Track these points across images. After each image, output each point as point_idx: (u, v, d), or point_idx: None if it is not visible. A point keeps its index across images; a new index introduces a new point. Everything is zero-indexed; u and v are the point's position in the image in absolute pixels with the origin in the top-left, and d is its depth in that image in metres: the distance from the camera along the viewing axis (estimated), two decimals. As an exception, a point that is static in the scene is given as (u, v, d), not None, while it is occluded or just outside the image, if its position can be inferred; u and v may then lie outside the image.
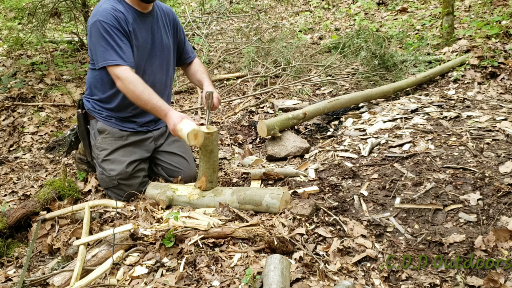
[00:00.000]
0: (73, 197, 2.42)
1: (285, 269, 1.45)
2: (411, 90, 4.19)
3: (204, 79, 2.50)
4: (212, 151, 2.09)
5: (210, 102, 2.15)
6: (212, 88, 2.38)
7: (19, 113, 3.89)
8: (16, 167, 3.18)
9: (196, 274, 1.59)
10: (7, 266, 2.00)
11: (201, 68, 2.58)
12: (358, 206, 2.09)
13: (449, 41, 5.07)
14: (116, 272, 1.70)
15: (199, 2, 6.98)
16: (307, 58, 5.15)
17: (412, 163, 2.34)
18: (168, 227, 1.85)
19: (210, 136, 2.03)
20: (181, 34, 2.57)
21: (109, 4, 2.17)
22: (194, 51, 2.70)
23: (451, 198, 2.00)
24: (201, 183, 2.14)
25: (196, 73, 2.56)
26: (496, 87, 3.82)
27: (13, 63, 4.77)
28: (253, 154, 3.14)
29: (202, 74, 2.53)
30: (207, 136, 2.02)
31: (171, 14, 2.50)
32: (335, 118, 3.60)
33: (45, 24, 5.04)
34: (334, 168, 2.49)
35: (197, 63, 2.62)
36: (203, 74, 2.53)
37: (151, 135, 2.48)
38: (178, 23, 2.55)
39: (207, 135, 2.02)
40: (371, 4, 7.62)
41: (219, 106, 2.38)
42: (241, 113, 3.93)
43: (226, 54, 5.38)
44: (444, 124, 2.80)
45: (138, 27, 2.26)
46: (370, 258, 1.73)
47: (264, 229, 1.76)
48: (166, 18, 2.45)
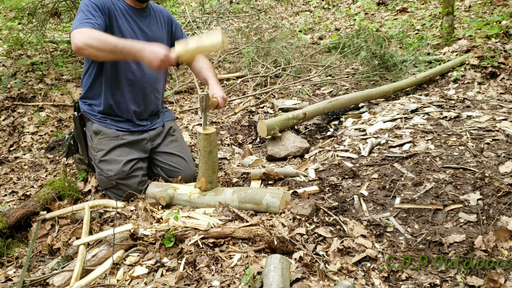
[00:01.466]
0: (73, 197, 2.42)
1: (285, 269, 1.45)
2: (411, 90, 4.19)
3: (209, 77, 2.43)
4: (211, 151, 2.08)
5: (204, 105, 2.08)
6: (218, 88, 2.32)
7: (19, 113, 3.89)
8: (16, 167, 3.18)
9: (196, 274, 1.59)
10: (7, 266, 2.00)
11: (206, 65, 2.52)
12: (358, 206, 2.09)
13: (449, 41, 5.07)
14: (116, 272, 1.70)
15: (199, 2, 6.98)
16: (307, 58, 5.15)
17: (412, 163, 2.34)
18: (168, 227, 1.85)
19: (208, 137, 2.03)
20: (178, 31, 2.58)
21: None
22: None
23: (451, 198, 2.00)
24: (201, 184, 2.14)
25: (201, 70, 2.51)
26: (496, 87, 3.82)
27: (13, 63, 4.77)
28: (253, 154, 3.14)
29: (207, 71, 2.47)
30: (205, 137, 2.02)
31: (165, 12, 2.54)
32: (335, 118, 3.60)
33: (45, 24, 5.04)
34: (334, 168, 2.49)
35: (201, 59, 2.56)
36: (208, 71, 2.47)
37: (147, 135, 2.48)
38: (173, 20, 2.57)
39: (205, 136, 2.02)
40: (371, 4, 7.62)
41: (224, 106, 2.34)
42: (241, 113, 3.93)
43: (226, 54, 5.38)
44: (444, 124, 2.80)
45: (127, 20, 2.28)
46: (370, 258, 1.73)
47: (264, 229, 1.76)
48: (160, 15, 2.49)
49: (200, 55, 2.54)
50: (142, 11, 2.37)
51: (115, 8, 2.25)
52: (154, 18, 2.44)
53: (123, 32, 2.26)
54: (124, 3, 2.30)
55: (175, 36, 2.57)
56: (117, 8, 2.26)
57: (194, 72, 2.64)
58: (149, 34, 2.37)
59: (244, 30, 6.17)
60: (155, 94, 2.50)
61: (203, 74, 2.50)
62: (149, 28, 2.38)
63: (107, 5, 2.19)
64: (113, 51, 1.90)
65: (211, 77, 2.43)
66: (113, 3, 2.24)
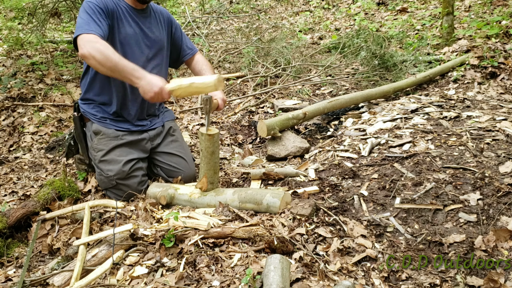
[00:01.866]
0: (73, 197, 2.42)
1: (285, 269, 1.45)
2: (411, 90, 4.19)
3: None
4: (213, 152, 2.09)
5: (208, 107, 2.11)
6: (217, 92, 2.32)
7: (19, 113, 3.89)
8: (16, 167, 3.18)
9: (196, 274, 1.59)
10: (7, 266, 2.00)
11: (205, 67, 2.56)
12: (358, 206, 2.09)
13: (449, 41, 5.07)
14: (116, 272, 1.70)
15: (199, 2, 6.98)
16: (307, 58, 5.15)
17: (412, 163, 2.34)
18: (168, 227, 1.85)
19: (211, 138, 2.04)
20: (178, 32, 2.58)
21: None
22: (196, 47, 2.68)
23: (451, 198, 2.00)
24: (202, 184, 2.14)
25: (201, 71, 2.54)
26: (496, 87, 3.82)
27: (13, 63, 4.77)
28: (253, 154, 3.14)
29: (207, 73, 2.51)
30: (208, 137, 2.03)
31: (165, 13, 2.53)
32: (335, 118, 3.60)
33: (45, 24, 5.04)
34: (334, 168, 2.49)
35: (200, 60, 2.60)
36: (208, 73, 2.51)
37: (146, 135, 2.48)
38: (173, 21, 2.56)
39: (208, 137, 2.03)
40: (371, 4, 7.62)
41: (224, 107, 2.35)
42: (241, 113, 3.93)
43: (226, 54, 5.38)
44: (444, 124, 2.80)
45: (128, 21, 2.28)
46: (370, 258, 1.73)
47: (264, 229, 1.76)
48: (160, 16, 2.48)
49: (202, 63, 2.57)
50: (143, 12, 2.37)
51: (117, 9, 2.24)
52: (154, 19, 2.43)
53: (126, 33, 2.26)
54: (125, 4, 2.30)
55: (175, 37, 2.57)
56: (120, 9, 2.26)
57: (194, 73, 2.65)
58: (150, 35, 2.37)
59: (244, 30, 6.17)
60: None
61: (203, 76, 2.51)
62: (150, 29, 2.38)
63: (111, 7, 2.20)
64: (113, 69, 1.96)
65: None
66: (115, 4, 2.24)
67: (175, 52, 2.61)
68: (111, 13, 2.19)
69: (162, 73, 2.52)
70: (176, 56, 2.62)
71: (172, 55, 2.60)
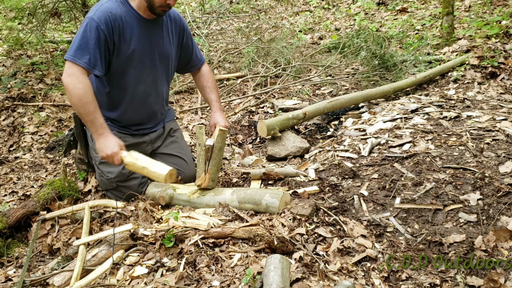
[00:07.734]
0: (73, 197, 2.42)
1: (285, 269, 1.45)
2: (411, 90, 4.19)
3: (213, 101, 2.46)
4: (221, 148, 2.19)
5: (209, 155, 2.16)
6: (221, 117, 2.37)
7: (19, 113, 3.89)
8: (16, 167, 3.18)
9: (196, 274, 1.59)
10: (7, 266, 2.00)
11: (210, 84, 2.52)
12: (358, 206, 2.09)
13: (449, 41, 5.07)
14: (116, 272, 1.70)
15: (199, 2, 6.98)
16: (307, 58, 5.15)
17: (412, 163, 2.34)
18: (168, 227, 1.85)
19: (222, 133, 2.18)
20: (189, 41, 2.48)
21: (111, 4, 2.10)
22: (203, 57, 2.61)
23: (451, 198, 2.00)
24: (202, 180, 2.14)
25: (205, 89, 2.52)
26: (496, 87, 3.82)
27: (13, 63, 4.77)
28: (253, 154, 3.14)
29: (210, 93, 2.49)
30: (221, 133, 2.17)
31: (178, 20, 2.40)
32: (335, 118, 3.60)
33: (45, 24, 5.04)
34: (334, 168, 2.49)
35: (205, 75, 2.55)
36: (212, 93, 2.48)
37: (147, 138, 2.47)
38: (186, 30, 2.45)
39: (221, 133, 2.17)
40: (371, 4, 7.62)
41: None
42: (241, 113, 3.93)
43: (226, 54, 5.38)
44: (444, 124, 2.80)
45: (136, 34, 2.17)
46: (370, 258, 1.73)
47: (264, 229, 1.76)
48: (172, 25, 2.36)
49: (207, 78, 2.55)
50: (153, 22, 2.24)
51: (125, 22, 2.12)
52: (166, 29, 2.32)
53: (132, 49, 2.17)
54: (135, 16, 2.17)
55: (185, 46, 2.47)
56: (128, 24, 2.14)
57: (197, 86, 2.64)
58: (158, 49, 2.28)
59: (244, 30, 6.17)
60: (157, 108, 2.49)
61: (206, 95, 2.52)
62: (158, 42, 2.28)
63: (117, 24, 2.08)
64: (81, 115, 2.05)
65: (214, 102, 2.46)
66: (123, 17, 2.11)
67: (183, 61, 2.53)
68: (117, 30, 2.09)
69: (165, 83, 2.47)
70: (183, 65, 2.56)
71: (180, 63, 2.53)
